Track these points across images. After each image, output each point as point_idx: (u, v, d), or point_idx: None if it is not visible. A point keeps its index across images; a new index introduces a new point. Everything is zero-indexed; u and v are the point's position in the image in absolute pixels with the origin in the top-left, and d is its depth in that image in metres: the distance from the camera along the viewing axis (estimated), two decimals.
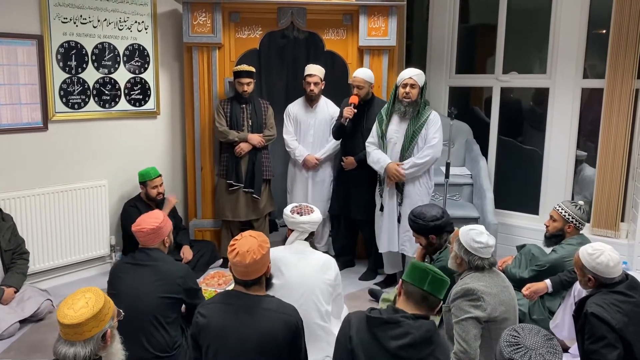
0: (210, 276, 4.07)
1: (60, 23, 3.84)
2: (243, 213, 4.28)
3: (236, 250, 2.12)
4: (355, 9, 4.30)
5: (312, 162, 4.31)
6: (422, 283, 1.98)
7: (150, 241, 2.68)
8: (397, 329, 1.91)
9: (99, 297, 1.83)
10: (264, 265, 2.18)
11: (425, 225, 3.02)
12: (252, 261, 2.10)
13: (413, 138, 3.69)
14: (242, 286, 2.17)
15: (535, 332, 1.68)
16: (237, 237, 2.22)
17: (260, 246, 2.15)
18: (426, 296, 1.98)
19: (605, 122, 4.15)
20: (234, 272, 2.17)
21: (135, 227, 2.68)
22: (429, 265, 2.05)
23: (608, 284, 2.37)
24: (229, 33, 4.32)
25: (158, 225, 2.68)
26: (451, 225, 3.07)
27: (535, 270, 3.20)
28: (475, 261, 2.45)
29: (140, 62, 4.37)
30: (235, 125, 4.21)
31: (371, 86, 4.04)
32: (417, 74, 3.67)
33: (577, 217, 3.20)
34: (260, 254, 2.12)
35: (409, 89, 3.65)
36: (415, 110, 3.68)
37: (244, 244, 2.14)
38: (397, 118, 3.76)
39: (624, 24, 3.96)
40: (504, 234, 4.60)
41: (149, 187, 4.07)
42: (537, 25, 4.63)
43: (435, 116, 3.70)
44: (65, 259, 4.03)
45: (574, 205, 3.24)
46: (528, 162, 4.81)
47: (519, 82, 4.76)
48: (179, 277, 2.62)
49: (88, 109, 4.08)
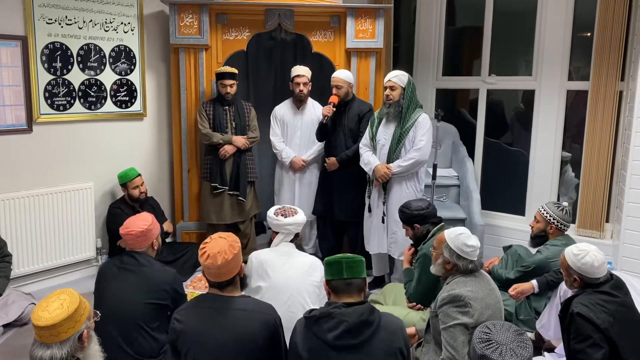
0: (197, 279, 4.06)
1: (45, 24, 3.80)
2: (228, 216, 4.26)
3: (207, 253, 2.12)
4: (343, 11, 4.31)
5: (299, 163, 4.30)
6: (340, 273, 2.03)
7: (138, 244, 2.63)
8: (330, 321, 1.95)
9: (74, 298, 1.81)
10: (236, 265, 2.17)
11: (410, 214, 3.16)
12: (224, 262, 2.09)
13: (400, 140, 3.70)
14: (217, 288, 2.17)
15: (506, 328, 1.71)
16: (206, 240, 2.22)
17: (231, 246, 2.14)
18: (350, 282, 2.03)
19: (590, 123, 4.19)
20: (207, 275, 2.16)
21: (124, 230, 2.62)
22: (340, 256, 2.08)
23: (593, 284, 2.39)
24: (216, 34, 4.30)
25: (147, 227, 2.64)
26: (435, 217, 3.19)
27: (521, 271, 3.23)
28: (468, 265, 2.45)
29: (126, 64, 4.34)
30: (218, 128, 4.19)
31: (350, 86, 4.06)
32: (396, 76, 3.69)
33: (559, 219, 3.23)
34: (231, 254, 2.12)
35: (388, 91, 3.68)
36: (397, 111, 3.70)
37: (214, 246, 2.14)
38: (384, 120, 3.78)
39: (607, 27, 4.00)
40: (490, 235, 4.63)
41: (130, 188, 4.04)
42: (522, 28, 4.67)
43: (424, 119, 3.71)
44: (50, 262, 3.98)
45: (556, 207, 3.28)
46: (514, 163, 4.85)
47: (505, 84, 4.80)
48: (166, 283, 2.57)
49: (73, 111, 4.04)
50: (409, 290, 3.10)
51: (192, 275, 4.17)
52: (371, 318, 1.97)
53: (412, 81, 3.74)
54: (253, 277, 2.69)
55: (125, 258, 2.63)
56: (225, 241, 2.16)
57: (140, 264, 2.59)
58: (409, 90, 3.70)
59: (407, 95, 3.69)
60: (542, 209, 3.32)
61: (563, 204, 3.31)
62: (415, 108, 3.73)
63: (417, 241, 3.19)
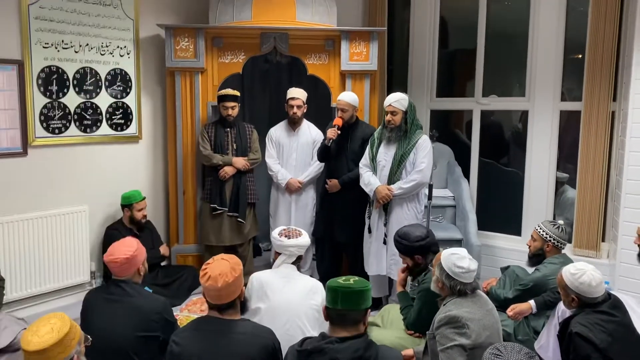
0: (192, 302, 4.03)
1: (42, 48, 3.82)
2: (227, 237, 4.24)
3: (208, 274, 2.09)
4: (337, 34, 4.36)
5: (294, 185, 4.30)
6: (335, 303, 1.96)
7: (124, 271, 2.56)
8: (322, 356, 1.88)
9: (65, 322, 1.79)
10: (237, 288, 2.15)
11: (410, 246, 3.02)
12: (225, 284, 2.07)
13: (401, 162, 3.71)
14: (216, 311, 2.14)
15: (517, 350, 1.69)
16: (208, 261, 2.20)
17: (232, 269, 2.12)
18: (344, 314, 1.95)
19: (583, 143, 4.22)
20: (207, 297, 2.14)
21: (108, 258, 2.55)
22: (341, 282, 1.99)
23: (591, 304, 2.38)
24: (212, 58, 4.34)
25: (132, 254, 2.56)
26: (436, 246, 3.08)
27: (519, 289, 3.22)
28: (457, 286, 2.42)
29: (122, 87, 4.36)
30: (219, 149, 4.20)
31: (355, 110, 4.08)
32: (397, 100, 3.69)
33: (555, 237, 3.24)
34: (232, 277, 2.10)
35: (390, 116, 3.70)
36: (400, 134, 3.71)
37: (216, 268, 2.11)
38: (385, 142, 3.80)
39: (598, 48, 4.06)
40: (487, 255, 4.62)
41: (134, 210, 4.03)
42: (515, 50, 4.72)
43: (424, 140, 3.72)
44: (44, 287, 3.94)
45: (552, 225, 3.28)
46: (509, 183, 4.86)
47: (499, 105, 4.84)
48: (155, 312, 2.49)
49: (69, 134, 4.04)
50: (408, 319, 3.00)
51: (187, 299, 4.13)
52: (367, 355, 1.89)
53: (413, 103, 3.77)
54: (253, 298, 2.67)
55: (112, 288, 2.55)
56: (227, 263, 2.14)
57: (127, 293, 2.51)
58: (410, 113, 3.72)
59: (409, 119, 3.71)
60: (539, 227, 3.32)
61: (559, 222, 3.32)
62: (416, 130, 3.75)
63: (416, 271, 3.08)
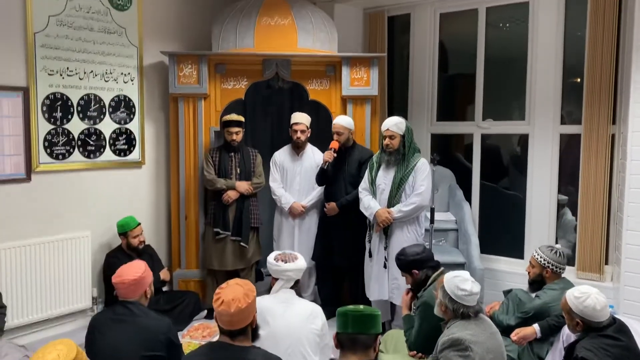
0: (194, 328, 3.99)
1: (47, 75, 3.87)
2: (230, 262, 4.23)
3: (221, 299, 2.08)
4: (338, 60, 4.42)
5: (298, 209, 4.31)
6: (345, 327, 1.96)
7: (131, 293, 2.59)
8: None
9: (71, 348, 1.78)
10: (249, 314, 2.13)
11: (406, 261, 3.13)
12: (238, 310, 2.06)
13: (400, 185, 3.73)
14: (228, 336, 2.12)
15: None
16: (222, 285, 2.18)
17: (246, 295, 2.11)
18: (354, 338, 1.95)
19: (584, 166, 4.23)
20: (219, 322, 2.12)
21: (116, 279, 2.59)
22: (351, 308, 2.01)
23: (596, 328, 2.37)
24: (215, 84, 4.39)
25: (140, 275, 2.61)
26: (433, 260, 3.16)
27: (521, 317, 3.18)
28: (460, 309, 2.42)
29: (125, 113, 4.40)
30: (224, 174, 4.23)
31: (351, 132, 4.12)
32: (394, 124, 3.73)
33: (553, 262, 3.20)
34: (245, 303, 2.09)
35: (388, 140, 3.73)
36: (398, 158, 3.74)
37: (229, 293, 2.10)
38: (384, 165, 3.82)
39: (596, 73, 4.10)
40: (490, 279, 4.59)
41: (130, 237, 4.03)
42: (514, 74, 4.77)
43: (423, 164, 3.75)
44: (45, 313, 3.92)
45: (549, 250, 3.24)
46: (511, 206, 4.86)
47: (499, 129, 4.87)
48: (161, 333, 2.52)
49: (72, 160, 4.07)
50: (409, 339, 3.03)
51: (189, 325, 4.10)
52: None
53: (410, 126, 3.80)
54: None
55: (119, 308, 2.58)
56: (241, 289, 2.13)
57: (134, 314, 2.54)
58: (408, 137, 3.75)
59: (407, 142, 3.74)
60: (536, 253, 3.29)
61: (556, 246, 3.29)
62: (414, 153, 3.78)
63: (417, 288, 3.15)
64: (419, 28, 5.20)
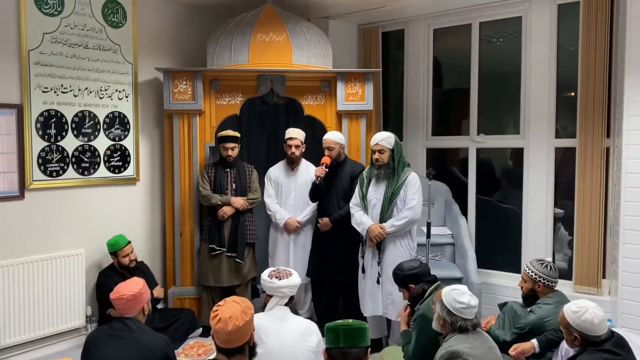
0: (189, 346, 3.95)
1: (41, 92, 3.86)
2: (226, 279, 4.20)
3: (218, 317, 2.06)
4: (333, 75, 4.44)
5: (293, 225, 4.29)
6: (337, 342, 1.98)
7: (129, 309, 2.60)
8: None
9: None
10: (247, 332, 2.11)
11: (403, 275, 3.15)
12: (235, 328, 2.04)
13: (392, 200, 3.72)
14: (225, 354, 2.10)
15: None
16: (220, 302, 2.17)
17: (243, 312, 2.09)
18: (346, 352, 1.98)
19: (580, 179, 4.24)
20: (216, 340, 2.10)
21: (115, 295, 2.60)
22: (339, 322, 2.04)
23: (594, 342, 2.35)
24: (210, 100, 4.39)
25: (139, 291, 2.63)
26: (429, 275, 3.16)
27: (516, 332, 3.15)
28: (457, 322, 2.42)
29: (120, 129, 4.39)
30: (219, 189, 4.21)
31: (342, 147, 4.12)
32: (383, 139, 3.74)
33: (544, 276, 3.17)
34: (243, 321, 2.07)
35: (377, 155, 3.74)
36: (388, 172, 3.74)
37: (227, 310, 2.08)
38: (374, 180, 3.82)
39: (590, 86, 4.12)
40: (487, 293, 4.57)
41: (120, 257, 4.00)
42: (508, 89, 4.80)
43: (413, 178, 3.75)
44: (39, 332, 3.86)
45: (539, 264, 3.22)
46: (507, 220, 4.85)
47: (494, 143, 4.88)
48: (159, 349, 2.52)
49: (66, 177, 4.05)
50: (407, 353, 3.01)
51: (184, 343, 4.05)
52: None
53: (398, 141, 3.81)
54: None
55: (116, 324, 2.59)
56: (239, 306, 2.11)
57: (131, 329, 2.55)
58: (397, 151, 3.76)
59: (397, 157, 3.74)
60: (527, 267, 3.26)
61: (546, 259, 3.27)
62: (403, 167, 3.78)
63: (414, 302, 3.14)
64: (413, 43, 5.24)
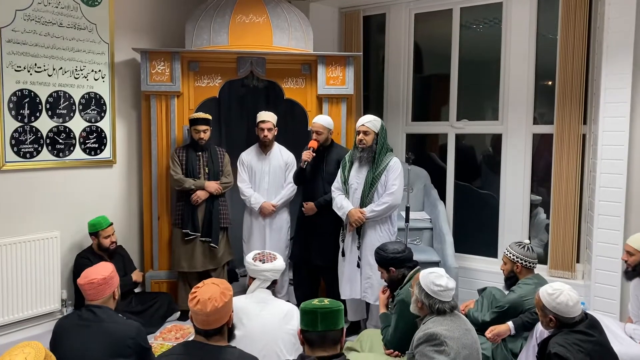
0: (167, 330, 3.93)
1: (14, 71, 3.76)
2: (200, 263, 4.17)
3: (197, 298, 2.06)
4: (314, 59, 4.40)
5: (268, 209, 4.27)
6: (314, 325, 1.97)
7: (100, 293, 2.49)
8: None
9: (39, 351, 1.72)
10: (226, 314, 2.11)
11: (385, 257, 3.16)
12: (214, 309, 2.03)
13: (372, 184, 3.73)
14: (203, 336, 2.09)
15: None
16: (198, 284, 2.16)
17: (222, 294, 2.09)
18: (324, 335, 1.97)
19: (556, 166, 4.30)
20: (195, 322, 2.09)
21: (83, 280, 2.49)
22: (316, 303, 2.02)
23: (569, 324, 2.40)
24: (188, 82, 4.33)
25: (109, 274, 2.53)
26: (411, 261, 3.18)
27: (496, 311, 3.22)
28: (435, 305, 2.45)
29: (96, 111, 4.31)
30: (191, 173, 4.15)
31: (330, 132, 4.10)
32: (369, 121, 3.73)
33: (523, 257, 3.27)
34: (222, 302, 2.06)
35: (362, 136, 3.72)
36: (371, 155, 3.74)
37: (206, 292, 2.08)
38: (357, 164, 3.81)
39: (568, 74, 4.17)
40: (464, 277, 4.63)
41: (101, 237, 3.94)
42: (488, 76, 4.83)
43: (395, 163, 3.75)
44: (12, 316, 3.80)
45: (518, 246, 3.32)
46: (485, 206, 4.91)
47: (473, 129, 4.92)
48: (129, 337, 2.42)
49: (41, 158, 3.96)
50: (386, 337, 3.04)
51: (162, 326, 4.03)
52: None
53: (384, 126, 3.80)
54: None
55: (84, 313, 2.47)
56: (218, 288, 2.11)
57: (100, 319, 2.44)
58: (382, 135, 3.75)
59: (380, 141, 3.74)
60: (507, 250, 3.37)
61: (524, 241, 3.37)
62: (386, 152, 3.78)
63: (393, 285, 3.17)
64: (394, 28, 5.23)
